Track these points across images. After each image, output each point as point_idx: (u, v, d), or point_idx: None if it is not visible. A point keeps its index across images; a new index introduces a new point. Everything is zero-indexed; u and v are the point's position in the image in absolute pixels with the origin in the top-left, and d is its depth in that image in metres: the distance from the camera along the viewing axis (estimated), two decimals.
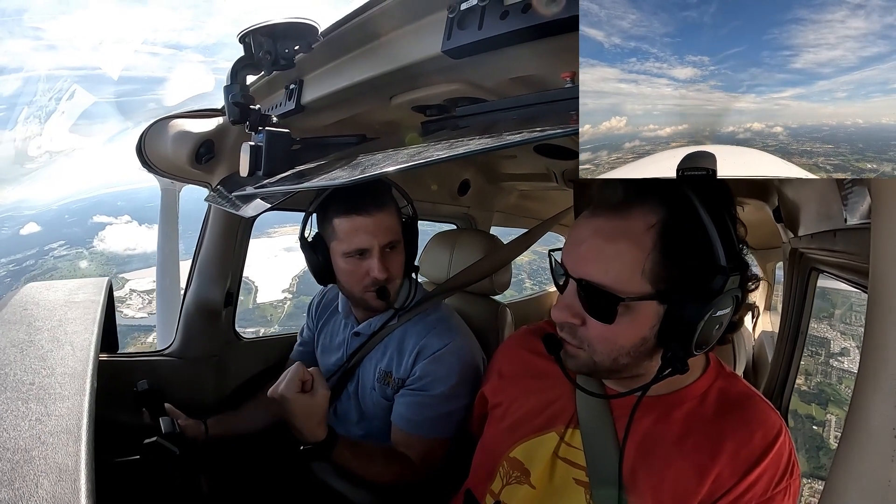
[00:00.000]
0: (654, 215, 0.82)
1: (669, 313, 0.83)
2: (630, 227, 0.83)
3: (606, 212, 0.86)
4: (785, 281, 2.19)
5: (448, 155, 0.69)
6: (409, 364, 1.42)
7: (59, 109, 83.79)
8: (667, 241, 0.81)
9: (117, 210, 52.61)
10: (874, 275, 0.57)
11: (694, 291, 0.81)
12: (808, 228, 1.65)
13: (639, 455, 0.93)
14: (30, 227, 53.86)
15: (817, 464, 3.08)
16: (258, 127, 1.20)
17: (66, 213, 57.62)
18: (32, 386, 0.68)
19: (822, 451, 3.13)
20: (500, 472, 1.06)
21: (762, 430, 0.89)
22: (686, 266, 0.81)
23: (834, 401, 3.43)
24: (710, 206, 0.81)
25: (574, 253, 0.88)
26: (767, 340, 3.02)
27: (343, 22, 1.02)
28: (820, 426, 3.30)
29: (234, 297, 1.82)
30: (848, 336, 3.60)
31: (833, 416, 3.28)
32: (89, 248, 45.06)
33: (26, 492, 0.51)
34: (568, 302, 0.89)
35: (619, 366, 0.90)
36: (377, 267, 1.36)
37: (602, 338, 0.88)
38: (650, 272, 0.82)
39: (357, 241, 1.35)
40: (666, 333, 0.84)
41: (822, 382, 3.51)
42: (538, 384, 1.09)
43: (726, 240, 0.81)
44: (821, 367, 3.54)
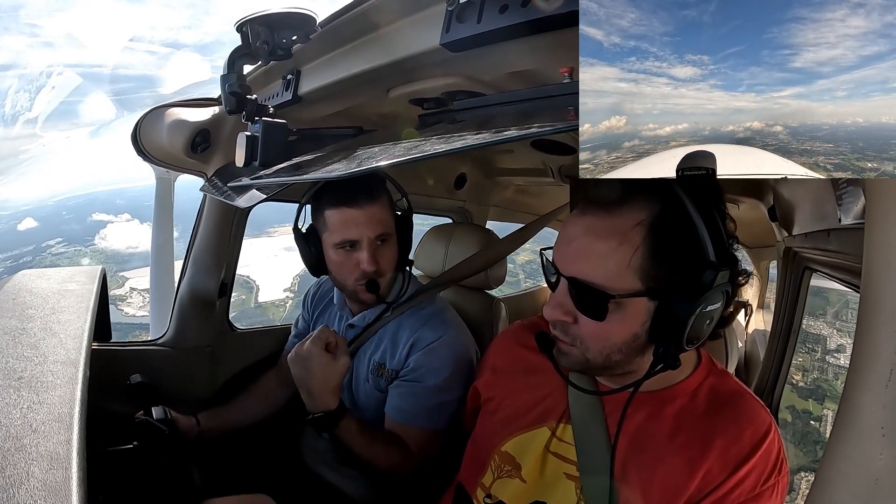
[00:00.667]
0: (643, 212, 0.82)
1: (660, 309, 0.84)
2: (619, 224, 0.83)
3: (596, 210, 0.86)
4: (778, 279, 2.20)
5: (445, 149, 0.69)
6: (402, 356, 1.42)
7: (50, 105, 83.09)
8: (656, 237, 0.82)
9: (117, 208, 52.58)
10: (867, 275, 0.58)
11: (684, 287, 0.82)
12: (802, 228, 1.65)
13: (630, 450, 0.93)
14: (27, 223, 53.61)
15: (815, 458, 3.11)
16: (254, 117, 1.19)
17: (64, 210, 57.35)
18: (24, 374, 0.67)
19: (819, 445, 3.17)
20: (492, 466, 1.06)
21: (752, 428, 0.90)
22: (675, 262, 0.82)
23: (830, 396, 3.50)
24: (698, 203, 0.82)
25: (564, 251, 0.89)
26: (760, 338, 3.04)
27: (341, 13, 1.02)
28: (817, 421, 3.36)
29: (229, 288, 1.82)
30: (844, 333, 3.67)
31: (829, 411, 3.34)
32: (90, 245, 45.16)
33: (17, 479, 0.51)
34: (560, 300, 0.90)
35: (612, 363, 0.90)
36: (367, 259, 1.36)
37: (594, 335, 0.88)
38: (640, 269, 0.82)
39: (347, 233, 1.36)
40: (657, 329, 0.85)
41: (819, 378, 3.57)
42: (531, 379, 1.10)
43: (715, 235, 0.82)
44: (817, 363, 3.61)
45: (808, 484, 2.55)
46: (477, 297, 2.03)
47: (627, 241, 0.82)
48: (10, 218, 56.81)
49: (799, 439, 3.11)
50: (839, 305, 3.62)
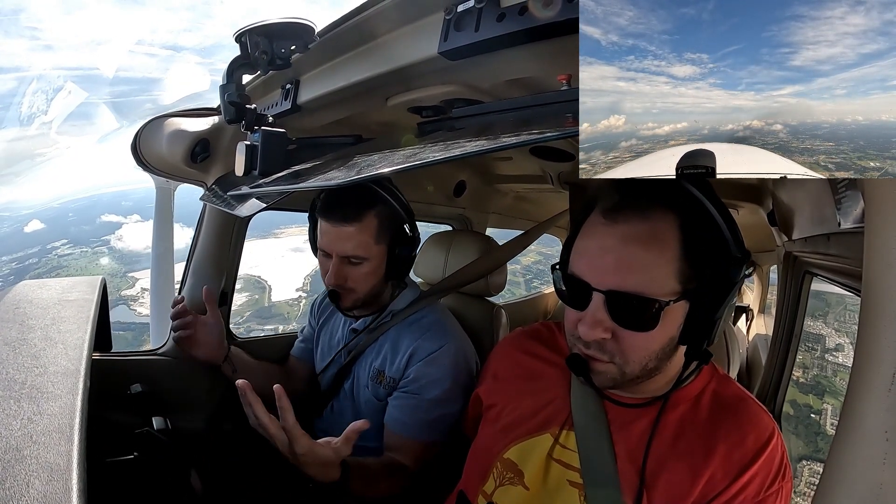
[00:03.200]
0: (672, 213, 0.83)
1: (693, 309, 0.84)
2: (657, 228, 0.83)
3: (628, 216, 0.84)
4: (779, 284, 2.20)
5: (444, 156, 0.69)
6: (402, 364, 1.42)
7: (53, 108, 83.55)
8: (687, 237, 0.82)
9: (124, 209, 53.05)
10: (867, 278, 0.58)
11: (716, 284, 0.82)
12: (802, 232, 1.65)
13: (632, 456, 0.93)
14: (33, 225, 53.90)
15: (816, 447, 3.29)
16: (254, 126, 1.20)
17: (70, 212, 57.71)
18: (24, 385, 0.67)
19: (820, 436, 3.34)
20: (494, 473, 1.06)
21: (755, 433, 0.89)
22: (707, 260, 0.82)
23: (829, 392, 3.67)
24: (713, 201, 0.83)
25: (598, 265, 0.86)
26: (761, 343, 3.03)
27: (340, 22, 1.02)
28: (817, 414, 3.51)
29: (229, 297, 1.82)
30: (842, 333, 3.78)
31: (829, 405, 3.53)
32: (99, 245, 45.86)
33: (17, 491, 0.51)
34: (597, 318, 0.86)
35: (647, 371, 0.89)
36: (331, 273, 1.39)
37: (636, 347, 0.86)
38: (679, 272, 0.82)
39: (322, 242, 1.41)
40: (690, 329, 0.85)
41: (819, 375, 3.68)
42: (533, 386, 1.09)
43: (734, 231, 0.83)
44: (817, 360, 3.72)
45: (811, 472, 2.63)
46: (477, 304, 2.03)
47: (668, 246, 0.82)
48: (17, 220, 57.23)
49: (802, 431, 3.21)
50: (837, 307, 3.73)
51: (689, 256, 0.82)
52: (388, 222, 1.42)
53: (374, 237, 1.39)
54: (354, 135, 1.36)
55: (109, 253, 45.44)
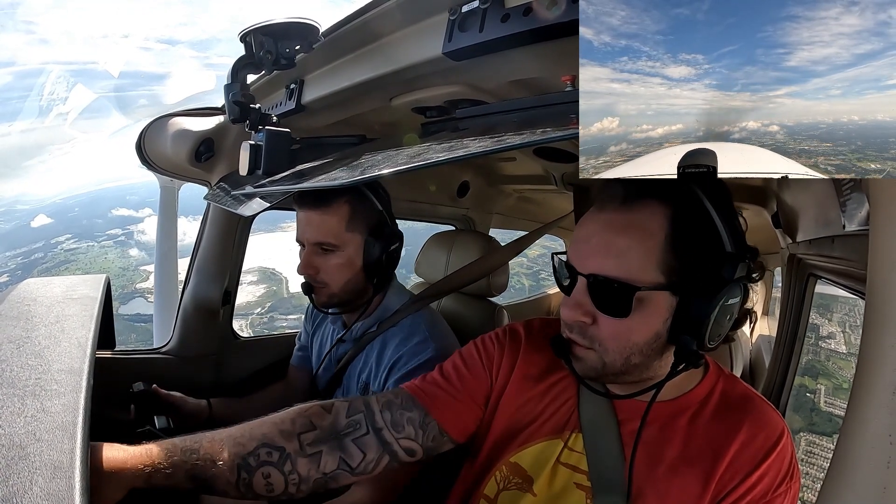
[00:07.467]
0: (661, 206, 0.82)
1: (682, 305, 0.83)
2: (639, 218, 0.83)
3: (613, 206, 0.85)
4: (783, 286, 2.19)
5: (448, 157, 0.69)
6: (382, 378, 1.37)
7: (72, 99, 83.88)
8: (675, 230, 0.81)
9: (133, 203, 53.33)
10: (872, 281, 0.57)
11: (705, 281, 0.81)
12: (806, 234, 1.65)
13: (643, 462, 0.91)
14: (40, 220, 54.12)
15: (809, 421, 3.64)
16: (258, 126, 1.20)
17: (77, 206, 57.96)
18: (28, 382, 0.67)
19: (815, 412, 3.76)
20: (496, 477, 1.03)
21: (765, 432, 0.88)
22: (696, 254, 0.82)
23: (822, 374, 4.14)
24: (712, 197, 0.82)
25: (582, 249, 0.87)
26: (765, 345, 3.02)
27: (344, 22, 1.03)
28: (812, 393, 3.89)
29: (232, 296, 1.82)
30: (834, 323, 4.31)
31: (822, 385, 3.98)
32: (133, 238, 46.91)
33: (21, 489, 0.51)
34: (578, 300, 0.87)
35: (630, 366, 0.88)
36: (302, 260, 1.38)
37: (615, 335, 0.86)
38: (661, 262, 0.81)
39: (297, 232, 1.40)
40: (679, 327, 0.84)
41: (812, 360, 4.05)
42: (545, 388, 1.07)
43: (731, 228, 0.82)
44: (811, 347, 4.06)
45: (807, 442, 2.77)
46: (479, 305, 2.03)
47: (648, 235, 0.82)
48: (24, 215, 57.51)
49: (797, 407, 3.44)
50: (832, 302, 4.11)
51: (676, 248, 0.81)
52: (363, 212, 1.39)
53: (344, 224, 1.36)
54: (358, 135, 1.36)
55: (137, 244, 45.98)
